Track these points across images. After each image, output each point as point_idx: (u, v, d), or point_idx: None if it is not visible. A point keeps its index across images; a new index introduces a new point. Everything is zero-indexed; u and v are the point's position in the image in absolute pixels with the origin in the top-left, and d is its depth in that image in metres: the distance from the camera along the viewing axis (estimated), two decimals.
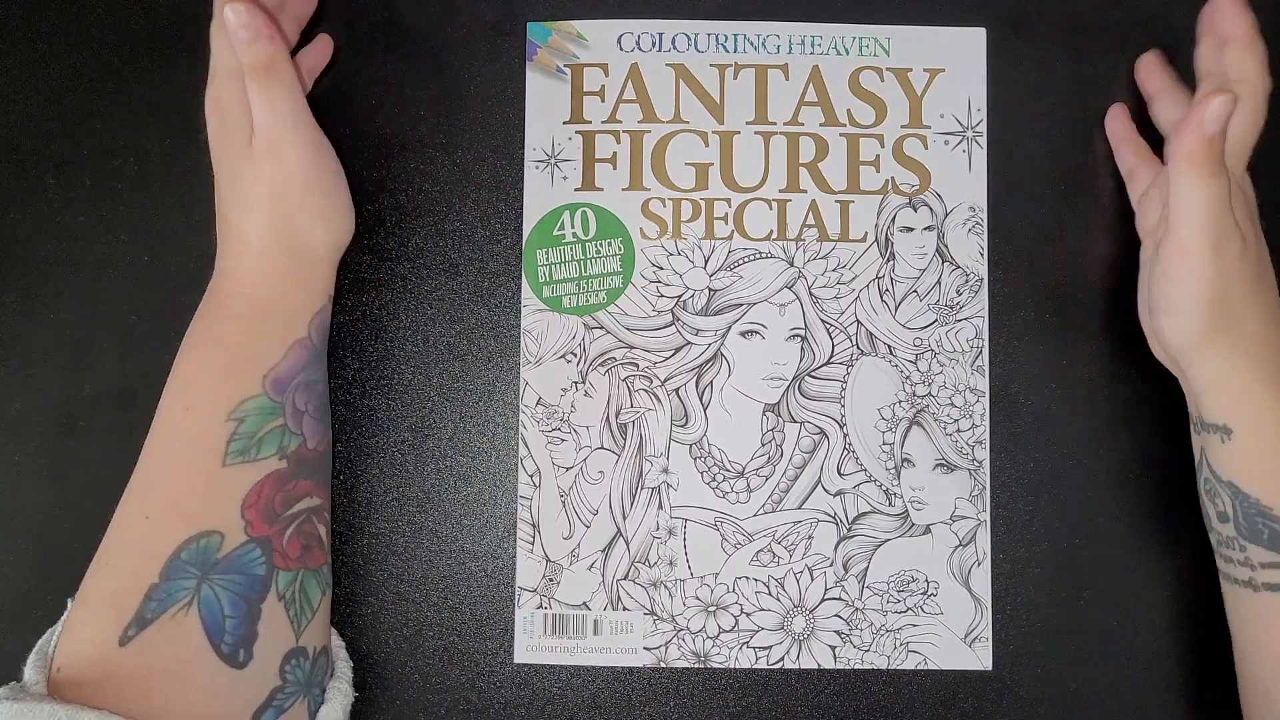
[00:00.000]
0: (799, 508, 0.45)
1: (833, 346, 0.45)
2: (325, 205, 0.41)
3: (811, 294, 0.46)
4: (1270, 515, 0.38)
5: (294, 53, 0.43)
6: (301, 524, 0.40)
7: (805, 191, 0.46)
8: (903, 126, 0.46)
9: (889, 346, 0.45)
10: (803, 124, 0.46)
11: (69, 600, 0.37)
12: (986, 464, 0.45)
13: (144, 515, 0.37)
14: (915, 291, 0.46)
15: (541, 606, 0.45)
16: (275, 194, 0.39)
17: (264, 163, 0.39)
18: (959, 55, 0.47)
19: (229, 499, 0.37)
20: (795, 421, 0.45)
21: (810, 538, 0.45)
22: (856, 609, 0.45)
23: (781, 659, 0.45)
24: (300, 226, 0.40)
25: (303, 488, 0.40)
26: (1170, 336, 0.40)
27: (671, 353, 0.45)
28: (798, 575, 0.45)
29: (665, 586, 0.45)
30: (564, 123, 0.46)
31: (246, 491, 0.38)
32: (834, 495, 0.45)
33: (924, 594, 0.45)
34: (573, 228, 0.46)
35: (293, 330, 0.40)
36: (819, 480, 0.45)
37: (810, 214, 0.46)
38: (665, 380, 0.45)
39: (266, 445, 0.38)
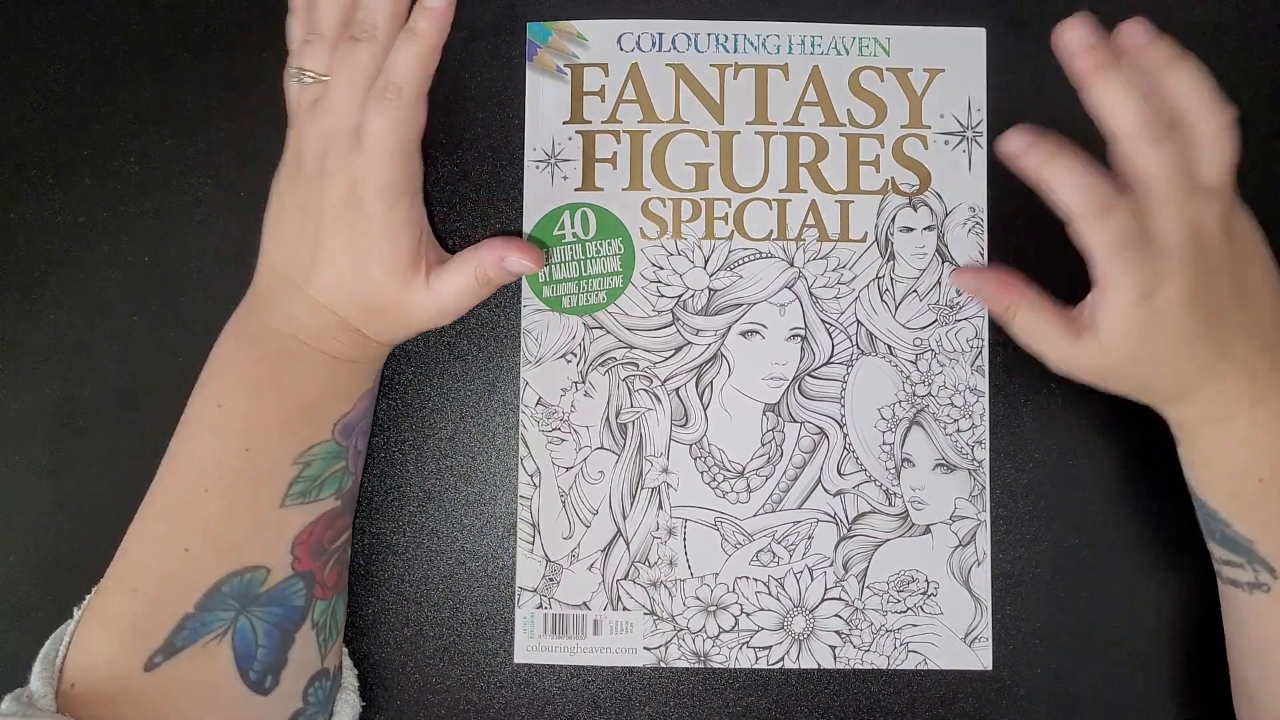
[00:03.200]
0: (799, 508, 0.45)
1: (833, 346, 0.45)
2: (439, 323, 0.42)
3: (811, 294, 0.46)
4: (1217, 517, 0.39)
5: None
6: (340, 554, 0.40)
7: (805, 191, 0.46)
8: (903, 126, 0.46)
9: (889, 346, 0.45)
10: (803, 124, 0.46)
11: (75, 609, 0.37)
12: (986, 464, 0.45)
13: (182, 546, 0.36)
14: (915, 291, 0.46)
15: (541, 606, 0.45)
16: (415, 318, 0.40)
17: (424, 292, 0.39)
18: (959, 55, 0.47)
19: (281, 538, 0.37)
20: (795, 421, 0.45)
21: (810, 538, 0.45)
22: (856, 609, 0.45)
23: (781, 659, 0.45)
24: (404, 330, 0.41)
25: (347, 521, 0.40)
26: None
27: (671, 353, 0.45)
28: (798, 575, 0.45)
29: (665, 586, 0.45)
30: (564, 123, 0.46)
31: (300, 530, 0.37)
32: (834, 495, 0.45)
33: (924, 594, 0.45)
34: (573, 228, 0.46)
35: (365, 383, 0.41)
36: (819, 480, 0.45)
37: (810, 214, 0.46)
38: (665, 380, 0.45)
39: (327, 487, 0.38)
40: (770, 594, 0.45)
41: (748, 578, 0.45)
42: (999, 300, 0.39)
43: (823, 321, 0.46)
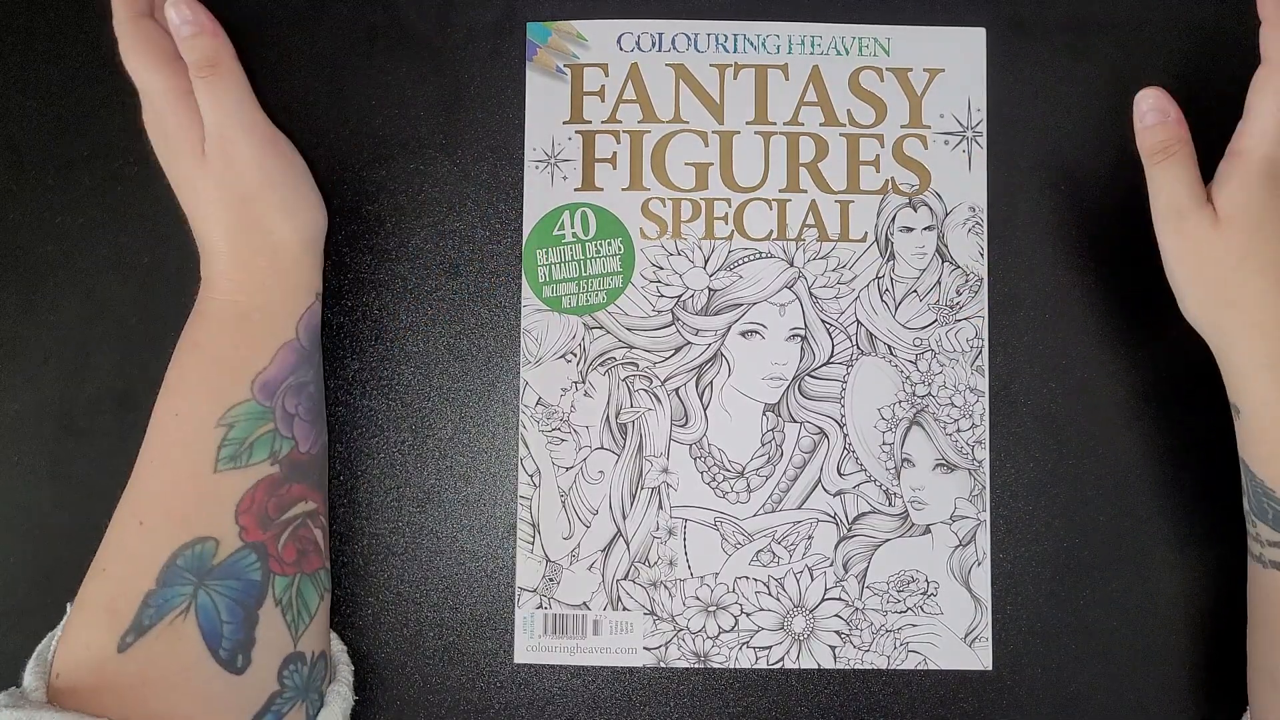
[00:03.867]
0: (799, 508, 0.45)
1: (833, 346, 0.45)
2: (288, 200, 0.41)
3: (811, 294, 0.46)
4: (1273, 497, 0.38)
5: None
6: (297, 529, 0.40)
7: (805, 191, 0.46)
8: (903, 126, 0.46)
9: (889, 346, 0.45)
10: (803, 124, 0.46)
11: (68, 604, 0.37)
12: (986, 464, 0.45)
13: (138, 521, 0.37)
14: (915, 291, 0.46)
15: (541, 606, 0.45)
16: (234, 196, 0.39)
17: (217, 165, 0.39)
18: (959, 55, 0.47)
19: (222, 505, 0.37)
20: (795, 421, 0.45)
21: (810, 538, 0.45)
22: (856, 609, 0.45)
23: (781, 659, 0.45)
24: (266, 226, 0.40)
25: (297, 492, 0.40)
26: (1184, 304, 0.40)
27: (671, 353, 0.45)
28: (798, 575, 0.45)
29: (665, 586, 0.45)
30: (564, 123, 0.46)
31: (240, 497, 0.38)
32: (834, 495, 0.45)
33: (924, 594, 0.45)
34: (573, 228, 0.46)
35: (279, 333, 0.40)
36: (819, 480, 0.45)
37: (810, 214, 0.46)
38: (665, 380, 0.45)
39: (258, 450, 0.38)
40: (770, 594, 0.45)
41: (748, 578, 0.45)
42: (1174, 131, 0.39)
43: (823, 321, 0.46)
